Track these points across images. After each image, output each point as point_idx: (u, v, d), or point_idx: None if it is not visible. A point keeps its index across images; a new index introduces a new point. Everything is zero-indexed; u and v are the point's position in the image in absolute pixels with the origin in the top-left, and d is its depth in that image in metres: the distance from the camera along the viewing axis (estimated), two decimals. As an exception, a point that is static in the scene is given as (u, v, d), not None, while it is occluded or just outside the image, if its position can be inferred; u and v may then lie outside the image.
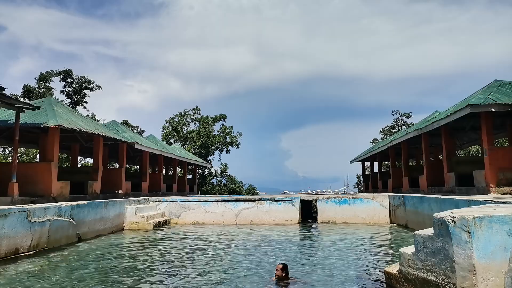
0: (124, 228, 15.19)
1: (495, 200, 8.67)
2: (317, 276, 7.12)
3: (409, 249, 5.63)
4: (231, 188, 43.93)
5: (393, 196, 16.76)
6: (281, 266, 6.57)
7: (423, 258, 5.23)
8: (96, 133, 15.95)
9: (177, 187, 29.37)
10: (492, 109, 12.33)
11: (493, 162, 12.90)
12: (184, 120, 46.64)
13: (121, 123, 32.86)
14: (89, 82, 39.73)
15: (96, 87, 40.28)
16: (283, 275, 6.47)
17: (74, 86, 39.19)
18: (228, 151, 46.79)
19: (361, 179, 39.21)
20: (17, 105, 12.42)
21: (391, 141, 22.77)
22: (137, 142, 20.15)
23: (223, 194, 38.32)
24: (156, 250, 10.64)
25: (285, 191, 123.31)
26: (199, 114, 47.21)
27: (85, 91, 39.79)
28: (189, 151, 39.42)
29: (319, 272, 7.48)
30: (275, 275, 6.55)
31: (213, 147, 45.36)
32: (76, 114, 18.93)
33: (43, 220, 10.09)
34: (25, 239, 9.43)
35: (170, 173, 33.53)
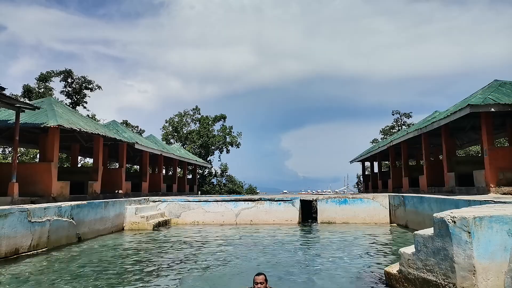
0: (124, 228, 15.19)
1: (495, 200, 8.67)
2: (317, 276, 7.12)
3: (409, 249, 5.63)
4: (231, 188, 43.88)
5: (393, 196, 16.75)
6: (263, 277, 5.46)
7: (423, 258, 5.23)
8: (96, 133, 15.95)
9: (177, 187, 29.36)
10: (492, 109, 12.32)
11: (493, 162, 12.90)
12: (184, 120, 46.61)
13: (121, 123, 32.84)
14: (89, 82, 39.68)
15: (96, 87, 40.24)
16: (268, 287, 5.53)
17: (74, 86, 39.15)
18: (228, 151, 46.77)
19: (361, 179, 39.19)
20: (17, 105, 12.41)
21: (391, 141, 22.76)
22: (137, 142, 20.15)
23: (223, 194, 38.30)
24: (156, 250, 10.63)
25: (284, 191, 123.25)
26: (199, 114, 47.19)
27: (85, 91, 39.73)
28: (189, 151, 39.40)
29: (319, 272, 7.48)
30: None
31: (213, 147, 45.33)
32: (76, 114, 18.93)
33: (43, 220, 10.09)
34: (25, 239, 9.43)
35: (170, 173, 33.52)
